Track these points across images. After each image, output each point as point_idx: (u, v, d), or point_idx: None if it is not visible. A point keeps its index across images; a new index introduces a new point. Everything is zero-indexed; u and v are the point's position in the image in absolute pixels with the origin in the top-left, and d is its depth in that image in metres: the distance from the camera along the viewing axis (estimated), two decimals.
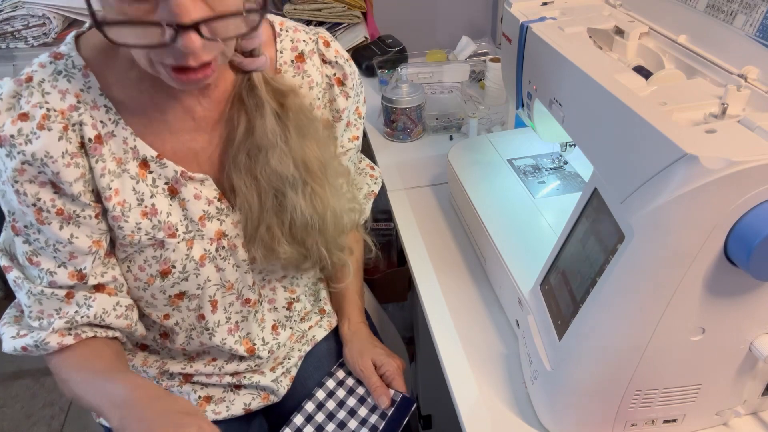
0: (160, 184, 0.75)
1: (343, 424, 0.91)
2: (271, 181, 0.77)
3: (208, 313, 0.83)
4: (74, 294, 0.75)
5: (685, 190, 0.51)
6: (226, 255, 0.81)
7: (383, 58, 1.58)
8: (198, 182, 0.77)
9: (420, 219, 1.09)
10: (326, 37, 0.85)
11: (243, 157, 0.76)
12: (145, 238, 0.74)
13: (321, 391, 0.94)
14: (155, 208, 0.75)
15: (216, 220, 0.79)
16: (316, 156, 0.80)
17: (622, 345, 0.61)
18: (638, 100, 0.58)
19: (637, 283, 0.57)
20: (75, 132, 0.69)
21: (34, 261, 0.73)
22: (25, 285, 0.74)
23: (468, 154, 1.07)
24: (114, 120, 0.71)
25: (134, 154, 0.73)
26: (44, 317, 0.75)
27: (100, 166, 0.71)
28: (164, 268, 0.77)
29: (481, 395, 0.76)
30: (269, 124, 0.75)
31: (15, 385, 1.95)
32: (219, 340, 0.86)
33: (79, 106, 0.69)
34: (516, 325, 0.83)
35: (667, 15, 0.72)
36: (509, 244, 0.86)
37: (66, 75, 0.69)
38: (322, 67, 0.84)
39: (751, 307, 0.58)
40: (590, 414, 0.67)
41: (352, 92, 0.87)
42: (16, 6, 1.49)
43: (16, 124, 0.67)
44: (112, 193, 0.72)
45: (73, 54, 0.70)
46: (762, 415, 0.70)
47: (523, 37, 0.82)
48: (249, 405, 0.92)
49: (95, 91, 0.70)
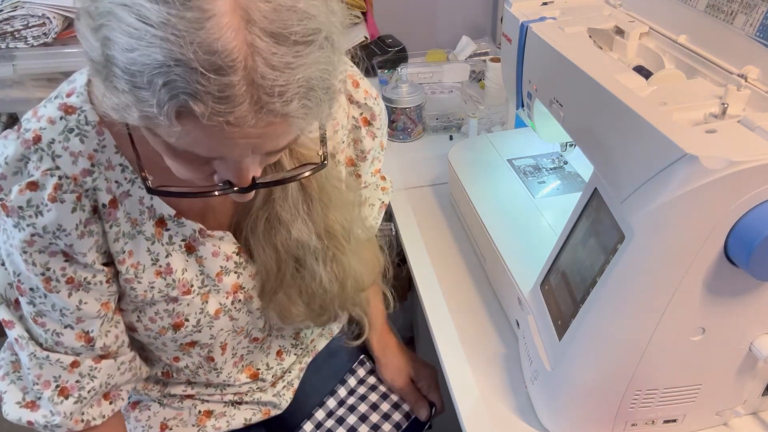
0: (177, 241, 0.71)
1: (354, 429, 0.91)
2: (291, 251, 0.73)
3: (217, 356, 0.82)
4: (79, 364, 0.71)
5: (685, 190, 0.51)
6: (240, 306, 0.78)
7: (383, 58, 1.58)
8: (217, 239, 0.73)
9: (420, 219, 1.09)
10: (355, 76, 0.79)
11: (261, 224, 0.72)
12: (158, 296, 0.71)
13: (332, 399, 0.94)
14: (170, 267, 0.71)
15: (233, 273, 0.75)
16: (340, 222, 0.75)
17: (622, 345, 0.60)
18: (638, 100, 0.58)
19: (637, 283, 0.57)
20: (88, 198, 0.64)
21: (39, 321, 0.69)
22: (30, 347, 0.70)
23: (468, 154, 1.07)
24: (130, 179, 0.66)
25: (150, 213, 0.68)
26: (40, 383, 0.71)
27: (114, 230, 0.66)
28: (177, 321, 0.74)
29: (481, 395, 0.76)
30: (291, 196, 0.70)
31: None
32: (225, 376, 0.85)
33: (93, 170, 0.63)
34: (516, 325, 0.83)
35: (667, 15, 0.71)
36: (509, 244, 0.86)
37: (78, 134, 0.62)
38: (348, 108, 0.79)
39: (751, 307, 0.58)
40: (590, 414, 0.67)
41: (378, 132, 0.82)
42: (15, 6, 1.48)
43: (24, 194, 0.61)
44: (125, 257, 0.68)
45: (87, 108, 0.62)
46: (762, 415, 0.70)
47: (523, 37, 0.81)
48: (249, 420, 0.91)
49: (110, 149, 0.64)
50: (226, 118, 0.45)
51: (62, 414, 0.71)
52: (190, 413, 0.89)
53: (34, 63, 1.44)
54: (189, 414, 0.89)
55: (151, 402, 0.90)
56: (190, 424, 0.88)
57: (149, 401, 0.90)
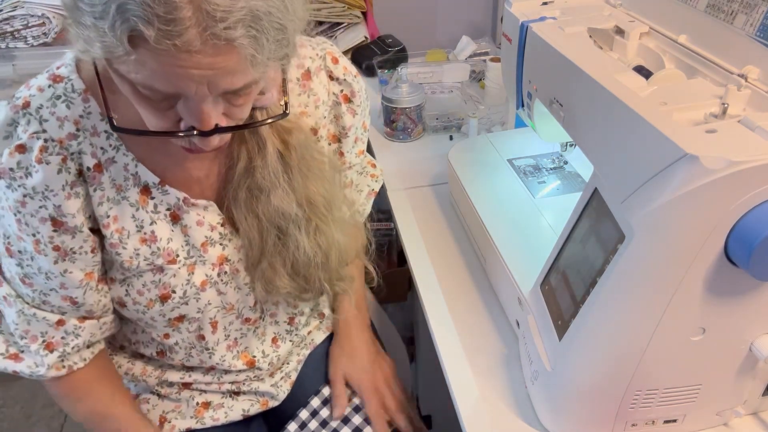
0: (161, 210, 0.73)
1: (348, 418, 0.91)
2: (272, 220, 0.75)
3: (208, 333, 0.82)
4: (65, 322, 0.75)
5: (685, 190, 0.51)
6: (228, 279, 0.79)
7: (383, 58, 1.58)
8: (201, 208, 0.75)
9: (420, 219, 1.09)
10: (334, 52, 0.82)
11: (243, 193, 0.74)
12: (143, 264, 0.73)
13: (316, 399, 0.94)
14: (155, 235, 0.73)
15: (219, 245, 0.77)
16: (320, 193, 0.77)
17: (622, 345, 0.60)
18: (638, 100, 0.58)
19: (637, 283, 0.57)
20: (74, 161, 0.67)
21: (26, 282, 0.72)
22: (18, 304, 0.73)
23: (468, 154, 1.07)
24: (115, 146, 0.69)
25: (135, 181, 0.71)
26: (28, 338, 0.75)
27: (99, 194, 0.69)
28: (164, 293, 0.75)
29: (481, 395, 0.76)
30: (271, 165, 0.73)
31: (15, 385, 1.94)
32: (218, 358, 0.86)
33: (78, 134, 0.67)
34: (516, 325, 0.83)
35: (668, 15, 0.72)
36: (509, 244, 0.86)
37: (65, 100, 0.66)
38: (329, 85, 0.81)
39: (751, 307, 0.58)
40: (590, 414, 0.67)
41: (359, 109, 0.85)
42: (15, 6, 1.48)
43: (14, 156, 0.65)
44: (110, 221, 0.71)
45: (73, 77, 0.67)
46: (762, 415, 0.70)
47: (523, 37, 0.81)
48: (248, 411, 0.92)
49: (95, 116, 0.67)
50: (174, 41, 0.49)
51: (46, 365, 0.76)
52: (188, 405, 0.90)
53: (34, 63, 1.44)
54: (187, 406, 0.90)
55: (149, 394, 0.90)
56: (189, 416, 0.89)
57: (148, 393, 0.91)
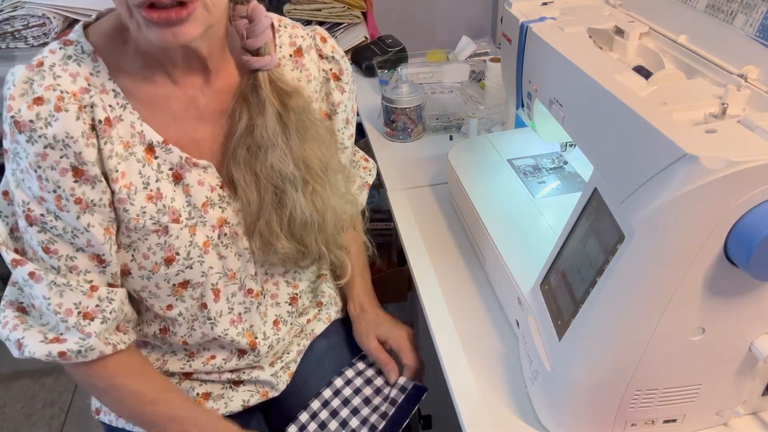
0: (164, 169, 0.76)
1: (345, 422, 0.91)
2: (270, 178, 0.79)
3: (210, 301, 0.83)
4: (97, 288, 0.75)
5: (685, 190, 0.51)
6: (228, 242, 0.82)
7: (383, 58, 1.58)
8: (201, 169, 0.78)
9: (420, 219, 1.09)
10: (323, 33, 0.88)
11: (243, 152, 0.78)
12: (149, 223, 0.75)
13: (328, 390, 0.95)
14: (160, 192, 0.76)
15: (218, 207, 0.80)
16: (317, 156, 0.81)
17: (622, 345, 0.61)
18: (638, 100, 0.58)
19: (637, 283, 0.57)
20: (87, 114, 0.70)
21: (51, 249, 0.72)
22: (49, 276, 0.73)
23: (468, 154, 1.07)
24: (122, 104, 0.73)
25: (141, 139, 0.74)
26: (62, 311, 0.73)
27: (108, 148, 0.72)
28: (168, 255, 0.77)
29: (481, 395, 0.76)
30: (270, 124, 0.77)
31: (15, 385, 1.95)
32: (221, 331, 0.86)
33: (90, 89, 0.71)
34: (516, 325, 0.83)
35: (667, 15, 0.72)
36: (509, 244, 0.86)
37: (76, 59, 0.71)
38: (319, 62, 0.87)
39: (751, 307, 0.58)
40: (590, 414, 0.67)
41: (347, 87, 0.90)
42: (16, 6, 1.49)
43: (32, 109, 0.67)
44: (119, 176, 0.73)
45: (82, 40, 0.72)
46: (762, 415, 0.70)
47: (523, 37, 0.82)
48: (247, 402, 0.93)
49: (104, 75, 0.72)
50: None
51: (93, 334, 0.74)
52: (189, 395, 0.90)
53: None
54: (188, 395, 0.90)
55: None
56: None
57: None
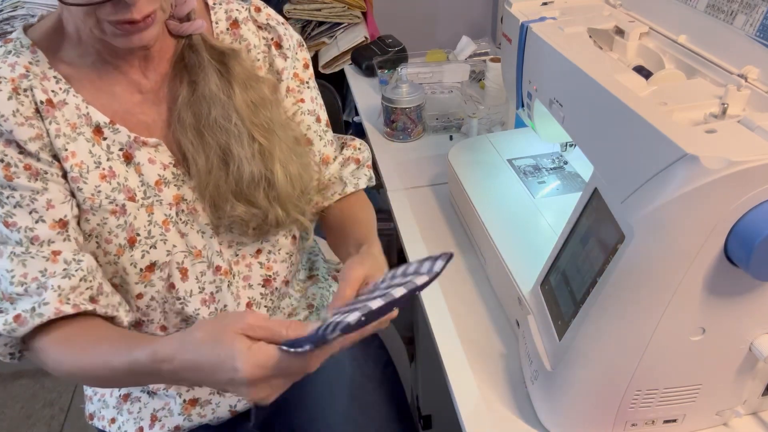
0: (114, 150, 0.77)
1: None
2: (215, 135, 0.79)
3: (177, 281, 0.82)
4: (61, 252, 0.72)
5: (685, 190, 0.51)
6: (187, 219, 0.82)
7: (383, 58, 1.58)
8: (152, 147, 0.79)
9: (420, 219, 1.09)
10: (257, 3, 0.88)
11: (187, 115, 0.78)
12: (105, 202, 0.75)
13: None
14: (113, 171, 0.76)
15: (173, 185, 0.80)
16: (261, 110, 0.81)
17: (622, 345, 0.61)
18: (638, 100, 0.58)
19: (637, 283, 0.57)
20: (27, 96, 0.72)
21: (9, 222, 0.71)
22: (7, 248, 0.71)
23: (468, 154, 1.07)
24: (65, 89, 0.74)
25: (87, 120, 0.75)
26: (28, 281, 0.71)
27: (54, 127, 0.73)
28: (131, 236, 0.77)
29: (481, 395, 0.76)
30: (212, 79, 0.78)
31: (15, 385, 1.95)
32: (192, 311, 0.84)
33: (29, 74, 0.72)
34: (516, 325, 0.83)
35: (667, 15, 0.72)
36: (509, 244, 0.86)
37: (15, 53, 0.73)
38: (258, 32, 0.87)
39: (751, 307, 0.58)
40: (590, 414, 0.67)
41: (289, 53, 0.89)
42: (16, 6, 1.49)
43: None
44: (68, 155, 0.74)
45: (21, 36, 0.74)
46: (762, 415, 0.70)
47: (523, 37, 0.82)
48: (235, 407, 0.91)
49: (44, 64, 0.74)
50: None
51: (49, 287, 0.70)
52: (176, 401, 0.90)
53: None
54: (175, 403, 0.90)
55: (140, 393, 0.91)
56: (176, 413, 0.89)
57: (138, 392, 0.91)
